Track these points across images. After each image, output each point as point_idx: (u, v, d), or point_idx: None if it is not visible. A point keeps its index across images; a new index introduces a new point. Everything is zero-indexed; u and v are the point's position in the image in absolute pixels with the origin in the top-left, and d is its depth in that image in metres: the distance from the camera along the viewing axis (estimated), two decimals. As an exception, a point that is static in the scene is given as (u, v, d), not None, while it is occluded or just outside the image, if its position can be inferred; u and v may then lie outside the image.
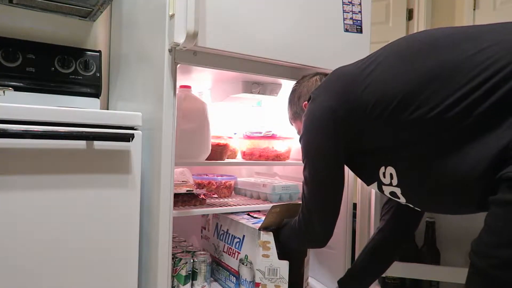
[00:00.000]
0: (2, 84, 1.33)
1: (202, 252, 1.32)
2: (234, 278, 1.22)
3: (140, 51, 1.29)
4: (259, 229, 1.15)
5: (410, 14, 2.59)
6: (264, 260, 1.13)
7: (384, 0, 2.62)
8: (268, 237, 1.14)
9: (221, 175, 1.59)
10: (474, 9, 2.40)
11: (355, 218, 1.44)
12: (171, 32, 1.04)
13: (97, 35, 1.61)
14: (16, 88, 1.33)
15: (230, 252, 1.27)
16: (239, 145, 1.54)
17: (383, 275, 1.27)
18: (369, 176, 0.92)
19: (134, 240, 1.09)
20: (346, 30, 1.32)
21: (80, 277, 1.02)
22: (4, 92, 1.23)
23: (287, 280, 1.12)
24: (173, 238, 1.13)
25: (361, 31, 1.35)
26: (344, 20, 1.32)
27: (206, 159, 1.31)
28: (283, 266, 1.12)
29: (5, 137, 0.91)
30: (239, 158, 1.55)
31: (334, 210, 0.97)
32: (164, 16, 1.06)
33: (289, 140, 1.53)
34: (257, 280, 1.12)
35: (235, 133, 1.58)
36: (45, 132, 0.95)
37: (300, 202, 1.02)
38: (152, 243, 1.12)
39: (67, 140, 0.99)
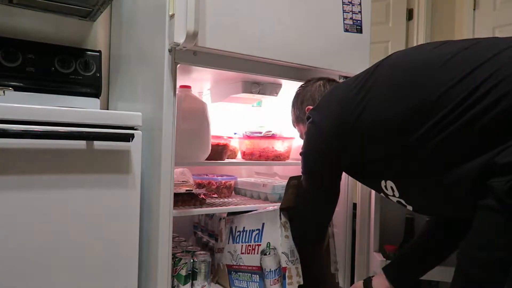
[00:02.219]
0: (2, 84, 1.33)
1: (202, 252, 1.32)
2: (257, 276, 1.18)
3: (140, 51, 1.29)
4: (280, 209, 1.14)
5: (410, 14, 2.59)
6: (287, 241, 1.11)
7: (384, 0, 2.63)
8: (287, 217, 1.13)
9: (221, 175, 1.59)
10: (474, 9, 2.40)
11: (355, 218, 1.44)
12: (171, 32, 1.04)
13: (97, 35, 1.61)
14: (16, 88, 1.33)
15: (250, 250, 1.23)
16: (239, 145, 1.54)
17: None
18: (375, 189, 0.97)
19: (134, 240, 1.09)
20: (346, 30, 1.32)
21: (80, 277, 1.02)
22: (4, 92, 1.23)
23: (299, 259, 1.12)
24: (173, 238, 1.13)
25: (361, 31, 1.35)
26: (344, 20, 1.32)
27: (206, 159, 1.31)
28: (295, 246, 1.12)
29: (5, 137, 0.91)
30: (239, 158, 1.55)
31: (325, 219, 1.09)
32: (164, 16, 1.06)
33: (289, 140, 1.53)
34: (284, 265, 1.09)
35: (235, 133, 1.59)
36: (45, 132, 0.95)
37: None
38: (152, 243, 1.12)
39: (67, 140, 0.99)
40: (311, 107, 1.08)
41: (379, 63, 0.90)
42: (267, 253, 1.15)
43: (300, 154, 1.03)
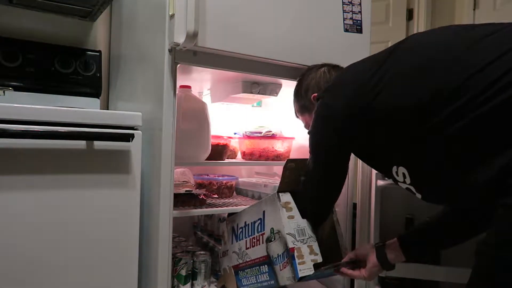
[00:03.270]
0: (2, 84, 1.33)
1: (202, 252, 1.32)
2: (265, 266, 1.13)
3: (140, 51, 1.29)
4: (278, 192, 1.11)
5: (410, 14, 2.59)
6: (291, 221, 1.07)
7: (384, 0, 2.63)
8: (287, 197, 1.10)
9: (222, 175, 1.59)
10: (474, 9, 2.40)
11: (355, 218, 1.44)
12: (171, 32, 1.04)
13: (97, 35, 1.61)
14: (16, 88, 1.33)
15: (254, 242, 1.18)
16: (239, 145, 1.54)
17: (383, 275, 1.27)
18: (384, 173, 0.94)
19: (134, 240, 1.09)
20: (346, 30, 1.32)
21: (80, 277, 1.02)
22: (4, 92, 1.23)
23: (316, 237, 1.07)
24: (173, 238, 1.13)
25: (361, 31, 1.35)
26: (344, 20, 1.32)
27: (206, 159, 1.31)
28: (308, 224, 1.08)
29: (5, 137, 0.91)
30: (239, 158, 1.55)
31: (328, 204, 1.06)
32: (164, 16, 1.06)
33: (289, 140, 1.53)
34: (291, 246, 1.04)
35: (235, 133, 1.59)
36: (45, 132, 0.95)
37: None
38: (152, 243, 1.12)
39: (67, 140, 0.99)
40: (315, 94, 1.06)
41: (397, 45, 0.87)
42: (272, 239, 1.10)
43: (308, 133, 1.00)
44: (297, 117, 1.22)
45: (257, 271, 1.16)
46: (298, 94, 1.16)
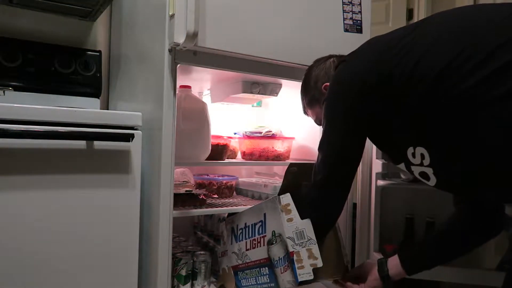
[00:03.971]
0: (2, 84, 1.33)
1: (202, 252, 1.32)
2: (266, 268, 1.11)
3: (140, 51, 1.29)
4: (278, 194, 1.09)
5: (410, 14, 2.59)
6: (290, 225, 1.04)
7: (384, 0, 2.62)
8: (287, 199, 1.07)
9: (222, 175, 1.59)
10: (474, 9, 2.39)
11: (355, 218, 1.44)
12: (171, 32, 1.04)
13: (97, 35, 1.61)
14: (16, 88, 1.33)
15: (255, 244, 1.16)
16: (239, 145, 1.54)
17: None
18: (395, 156, 0.89)
19: (134, 240, 1.09)
20: (346, 30, 1.32)
21: (80, 277, 1.02)
22: (4, 92, 1.23)
23: (315, 239, 1.03)
24: (173, 238, 1.13)
25: (361, 31, 1.35)
26: (344, 20, 1.32)
27: (206, 159, 1.31)
28: (307, 226, 1.03)
29: (5, 137, 0.91)
30: (239, 158, 1.55)
31: (346, 182, 0.95)
32: (164, 16, 1.06)
33: (289, 140, 1.53)
34: (290, 249, 1.02)
35: (235, 133, 1.58)
36: (45, 132, 0.95)
37: None
38: (152, 243, 1.12)
39: (67, 140, 0.99)
40: (327, 83, 1.01)
41: (419, 23, 0.84)
42: (274, 242, 1.08)
43: (324, 100, 0.94)
44: (306, 113, 1.16)
45: (257, 272, 1.15)
46: (307, 87, 1.11)
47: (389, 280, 0.98)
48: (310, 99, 1.11)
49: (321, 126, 0.96)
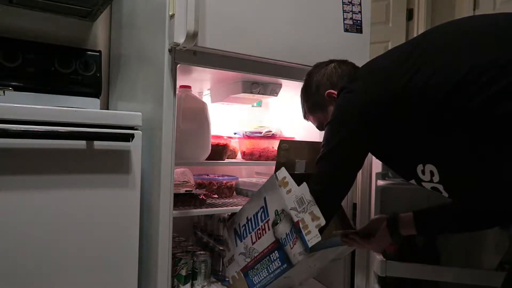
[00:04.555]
0: (2, 84, 1.33)
1: (202, 252, 1.32)
2: (276, 252, 1.08)
3: (140, 51, 1.29)
4: (274, 172, 1.08)
5: (410, 14, 2.59)
6: (290, 195, 1.03)
7: (384, 0, 2.63)
8: (283, 173, 1.06)
9: (222, 175, 1.59)
10: (474, 9, 2.40)
11: (355, 218, 1.44)
12: (171, 32, 1.04)
13: (97, 35, 1.61)
14: (16, 88, 1.33)
15: (260, 233, 1.13)
16: (239, 145, 1.54)
17: (383, 275, 1.27)
18: (406, 174, 0.90)
19: (134, 240, 1.09)
20: (346, 30, 1.32)
21: (80, 277, 1.02)
22: (4, 92, 1.23)
23: (314, 200, 1.00)
24: (173, 238, 1.13)
25: (361, 31, 1.35)
26: (344, 20, 1.32)
27: (206, 159, 1.31)
28: (304, 190, 1.01)
29: (5, 137, 0.91)
30: (239, 158, 1.55)
31: (340, 196, 0.98)
32: (164, 16, 1.06)
33: (289, 140, 1.53)
34: (295, 219, 1.00)
35: (235, 133, 1.59)
36: (45, 132, 0.95)
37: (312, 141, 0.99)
38: (152, 243, 1.12)
39: (67, 140, 0.99)
40: (332, 90, 1.01)
41: (422, 36, 0.85)
42: (278, 221, 1.06)
43: (326, 124, 0.95)
44: (306, 118, 1.15)
45: (267, 261, 1.11)
46: (308, 92, 1.10)
47: (398, 237, 0.97)
48: (311, 105, 1.10)
49: (323, 131, 0.97)
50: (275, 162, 1.48)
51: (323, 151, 0.94)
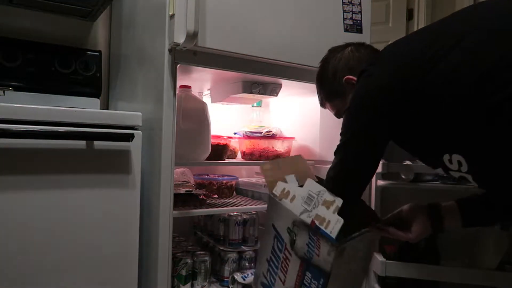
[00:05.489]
0: (2, 84, 1.33)
1: (202, 252, 1.33)
2: (307, 273, 0.94)
3: (140, 51, 1.29)
4: (271, 193, 1.00)
5: (410, 14, 2.59)
6: (295, 202, 0.95)
7: (384, 0, 2.63)
8: (280, 187, 0.98)
9: (222, 175, 1.59)
10: (474, 9, 2.40)
11: (355, 218, 1.44)
12: (171, 32, 1.04)
13: (97, 35, 1.61)
14: (16, 88, 1.33)
15: (285, 265, 1.00)
16: (239, 145, 1.54)
17: (383, 275, 1.27)
18: (432, 163, 0.86)
19: (134, 240, 1.09)
20: (346, 30, 1.32)
21: (80, 277, 1.02)
22: (4, 92, 1.23)
23: (323, 187, 0.92)
24: (173, 238, 1.13)
25: (361, 31, 1.35)
26: (344, 20, 1.32)
27: (206, 159, 1.31)
28: (309, 185, 0.94)
29: (5, 137, 0.91)
30: (239, 158, 1.55)
31: (360, 189, 0.92)
32: (164, 16, 1.06)
33: (289, 140, 1.53)
34: (309, 221, 0.90)
35: (235, 133, 1.59)
36: (45, 132, 0.95)
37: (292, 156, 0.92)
38: (152, 243, 1.12)
39: (67, 140, 0.99)
40: (350, 76, 0.94)
41: (449, 19, 0.81)
42: (294, 237, 0.95)
43: (345, 111, 0.90)
44: (323, 106, 1.09)
45: (305, 286, 0.97)
46: (324, 79, 1.03)
47: (441, 229, 0.90)
48: (328, 92, 1.03)
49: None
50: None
51: (341, 139, 0.89)
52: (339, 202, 0.87)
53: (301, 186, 0.96)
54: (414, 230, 0.90)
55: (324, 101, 1.07)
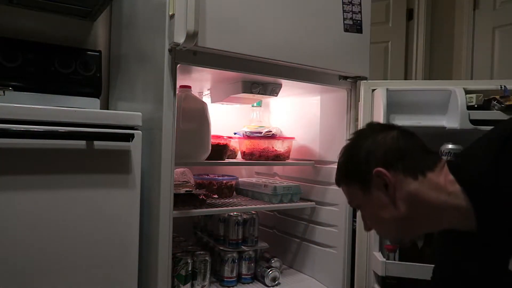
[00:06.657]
0: (2, 84, 1.33)
1: (202, 252, 1.32)
2: None
3: (140, 51, 1.29)
4: None
5: (410, 14, 2.59)
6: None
7: (384, 0, 2.62)
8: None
9: (222, 175, 1.59)
10: (474, 9, 2.40)
11: (355, 218, 1.44)
12: (171, 32, 1.04)
13: (97, 35, 1.61)
14: (16, 88, 1.33)
15: None
16: (239, 145, 1.54)
17: (383, 275, 1.27)
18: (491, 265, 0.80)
19: (134, 240, 1.09)
20: (346, 30, 1.32)
21: (80, 276, 1.02)
22: (4, 92, 1.23)
23: None
24: (173, 238, 1.13)
25: (361, 31, 1.35)
26: (344, 20, 1.32)
27: (206, 159, 1.31)
28: None
29: (5, 137, 0.91)
30: (239, 158, 1.55)
31: None
32: (164, 16, 1.06)
33: (289, 140, 1.53)
34: None
35: (235, 133, 1.59)
36: (45, 132, 0.95)
37: None
38: (152, 243, 1.12)
39: (67, 140, 0.99)
40: (381, 169, 0.78)
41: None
42: None
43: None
44: (337, 183, 0.90)
45: None
46: (354, 156, 0.85)
47: None
48: (351, 173, 0.85)
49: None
50: (275, 162, 1.49)
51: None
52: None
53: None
54: None
55: (340, 180, 0.88)
